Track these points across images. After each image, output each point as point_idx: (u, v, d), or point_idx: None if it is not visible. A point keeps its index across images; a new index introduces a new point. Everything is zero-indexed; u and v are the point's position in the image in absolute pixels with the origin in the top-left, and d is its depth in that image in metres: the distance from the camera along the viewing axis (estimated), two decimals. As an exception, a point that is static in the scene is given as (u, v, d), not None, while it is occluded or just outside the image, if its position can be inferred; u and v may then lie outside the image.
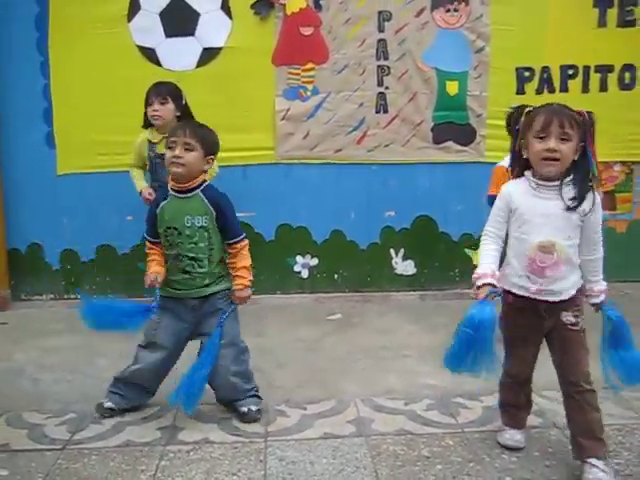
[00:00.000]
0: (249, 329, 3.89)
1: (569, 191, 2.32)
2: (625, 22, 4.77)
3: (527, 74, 4.83)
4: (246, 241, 2.83)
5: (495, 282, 2.35)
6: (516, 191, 2.40)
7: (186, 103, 3.98)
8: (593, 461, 2.34)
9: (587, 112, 2.33)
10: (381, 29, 4.73)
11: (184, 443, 2.67)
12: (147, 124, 4.00)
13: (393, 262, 4.99)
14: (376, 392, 3.16)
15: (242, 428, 2.79)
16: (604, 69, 4.82)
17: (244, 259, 2.81)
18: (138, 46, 4.62)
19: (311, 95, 4.76)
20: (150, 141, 3.98)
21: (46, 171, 4.72)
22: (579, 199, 2.31)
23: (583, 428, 2.40)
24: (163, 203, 2.77)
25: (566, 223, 2.34)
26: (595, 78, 4.84)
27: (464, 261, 4.99)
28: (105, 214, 4.76)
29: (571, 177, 2.33)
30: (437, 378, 3.31)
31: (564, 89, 4.83)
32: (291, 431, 2.77)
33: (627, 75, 4.82)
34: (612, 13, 4.77)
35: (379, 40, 4.74)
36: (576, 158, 2.32)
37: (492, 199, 3.72)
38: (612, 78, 4.84)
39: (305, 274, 4.94)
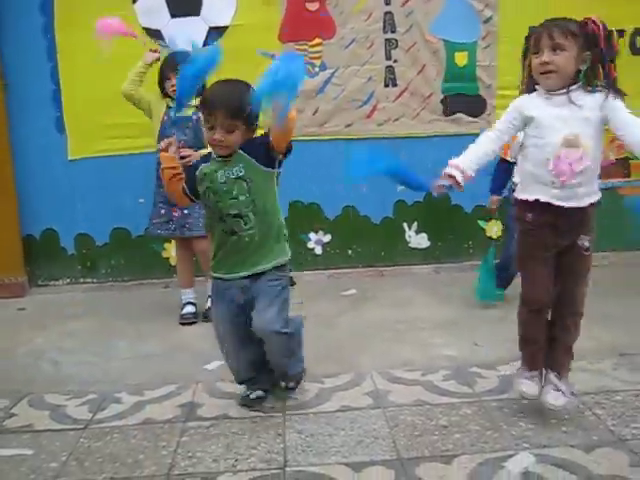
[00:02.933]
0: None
1: (577, 95, 2.33)
2: (635, -14, 4.71)
3: (537, 42, 4.77)
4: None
5: (459, 177, 2.44)
6: (530, 101, 2.40)
7: None
8: (554, 378, 2.54)
9: (594, 20, 2.33)
10: (387, 2, 4.69)
11: (203, 419, 2.70)
12: (165, 95, 3.90)
13: (406, 236, 4.99)
14: (393, 364, 3.18)
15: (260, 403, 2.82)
16: (616, 34, 4.76)
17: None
18: (144, 28, 4.61)
19: (319, 71, 4.74)
20: (169, 106, 3.86)
21: (57, 156, 4.74)
22: (589, 99, 2.33)
23: (564, 347, 2.55)
24: (203, 166, 2.61)
25: (585, 122, 2.33)
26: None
27: (477, 233, 4.96)
28: (118, 197, 4.78)
29: (578, 84, 2.34)
30: (453, 349, 3.33)
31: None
32: (309, 405, 2.79)
33: (638, 39, 4.76)
34: (622, -23, 4.71)
35: (386, 13, 4.70)
36: (583, 67, 2.33)
37: (504, 166, 3.69)
38: (623, 43, 4.78)
39: (319, 251, 4.95)
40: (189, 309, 3.99)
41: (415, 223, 4.95)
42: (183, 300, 4.02)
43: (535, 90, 2.42)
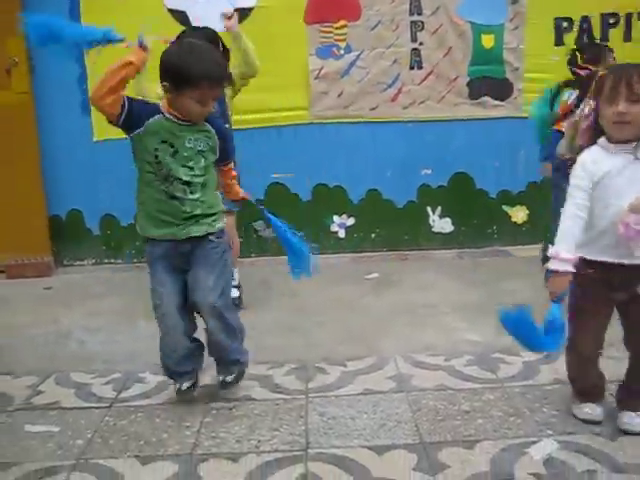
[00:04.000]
0: (288, 289, 3.96)
1: None
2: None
3: (565, 25, 4.71)
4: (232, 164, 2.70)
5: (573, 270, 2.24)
6: (595, 159, 2.27)
7: (225, 48, 3.56)
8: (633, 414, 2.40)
9: None
10: (414, -17, 4.64)
11: (227, 400, 2.71)
12: None
13: (430, 220, 4.96)
14: (416, 349, 3.17)
15: (283, 385, 2.83)
16: (647, 16, 4.68)
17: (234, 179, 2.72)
18: (169, 9, 4.61)
19: (344, 53, 4.71)
20: None
21: (83, 137, 4.76)
22: None
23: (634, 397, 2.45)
24: (155, 118, 2.41)
25: None
26: (638, 26, 4.69)
27: (501, 218, 4.95)
28: (142, 179, 4.79)
29: None
30: (476, 334, 3.31)
31: (605, 39, 4.70)
32: (331, 387, 2.80)
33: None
34: (656, -44, 4.61)
35: (412, -6, 4.66)
36: None
37: (558, 135, 3.59)
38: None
39: (342, 234, 4.95)
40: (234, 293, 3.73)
41: (439, 207, 4.93)
42: None
43: (594, 141, 2.30)
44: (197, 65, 2.33)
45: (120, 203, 4.86)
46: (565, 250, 2.23)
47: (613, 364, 2.57)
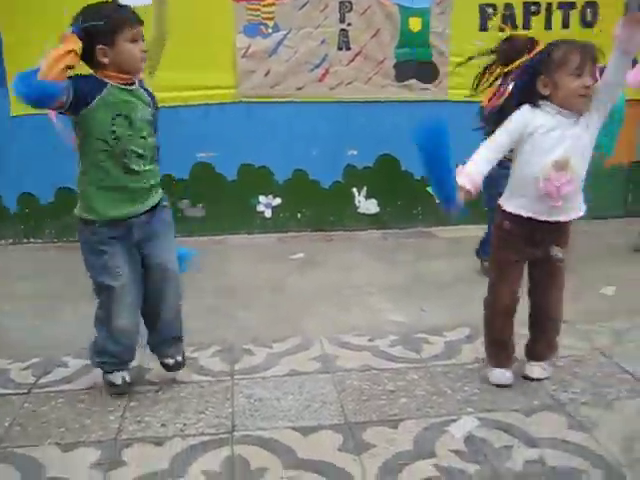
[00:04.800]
0: (213, 269, 3.93)
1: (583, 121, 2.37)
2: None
3: (490, 10, 4.79)
4: None
5: (470, 187, 2.38)
6: (534, 117, 2.38)
7: None
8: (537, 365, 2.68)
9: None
10: (343, -37, 4.63)
11: (152, 383, 2.68)
12: None
13: (356, 201, 5.01)
14: (341, 329, 3.20)
15: (208, 367, 2.82)
16: (566, 6, 4.82)
17: None
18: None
19: (272, 32, 4.66)
20: None
21: (-1, 112, 4.58)
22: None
23: (544, 345, 2.67)
24: (103, 92, 2.31)
25: (578, 142, 2.38)
26: (557, 15, 4.84)
27: (426, 200, 5.01)
28: (63, 156, 4.58)
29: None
30: (400, 315, 3.38)
31: (527, 26, 4.82)
32: (258, 369, 2.80)
33: (589, 12, 4.82)
34: (575, -52, 4.74)
35: (341, -26, 4.65)
36: None
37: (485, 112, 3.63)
38: (574, 15, 4.84)
39: (268, 214, 4.94)
40: None
41: (364, 188, 4.97)
42: None
43: (534, 104, 2.40)
44: (116, 9, 2.35)
45: (39, 181, 4.72)
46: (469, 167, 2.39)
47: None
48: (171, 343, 2.66)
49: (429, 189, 4.85)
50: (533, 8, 4.83)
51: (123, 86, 2.36)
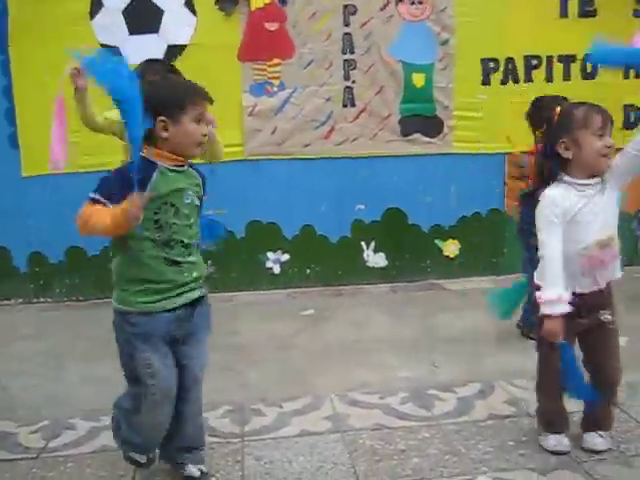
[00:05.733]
0: (223, 327, 3.90)
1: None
2: (585, 12, 4.83)
3: (492, 65, 4.87)
4: None
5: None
6: (563, 196, 2.35)
7: None
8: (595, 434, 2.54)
9: None
10: (346, 23, 4.73)
11: (160, 446, 2.65)
12: None
13: (364, 255, 5.01)
14: (351, 387, 3.17)
15: (218, 428, 2.79)
16: (567, 59, 4.88)
17: None
18: (102, 44, 4.56)
19: (278, 90, 4.74)
20: None
21: (11, 173, 4.64)
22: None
23: (604, 413, 2.55)
24: (153, 178, 2.12)
25: (612, 208, 2.39)
26: (558, 68, 4.90)
27: (434, 252, 5.03)
28: (73, 215, 4.65)
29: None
30: (410, 370, 3.35)
31: (529, 79, 4.88)
32: (268, 430, 2.77)
33: (589, 64, 4.89)
34: (573, 3, 4.83)
35: (345, 34, 4.74)
36: None
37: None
38: (575, 67, 4.90)
39: (277, 270, 4.94)
40: None
41: (373, 242, 4.98)
42: None
43: (555, 178, 2.39)
44: (187, 85, 2.27)
45: (49, 240, 4.75)
46: (564, 291, 2.30)
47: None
48: (189, 450, 2.39)
49: (436, 241, 4.93)
50: (534, 62, 4.90)
51: (173, 167, 2.17)
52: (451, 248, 5.05)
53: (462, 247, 5.04)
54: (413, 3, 4.75)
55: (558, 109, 2.42)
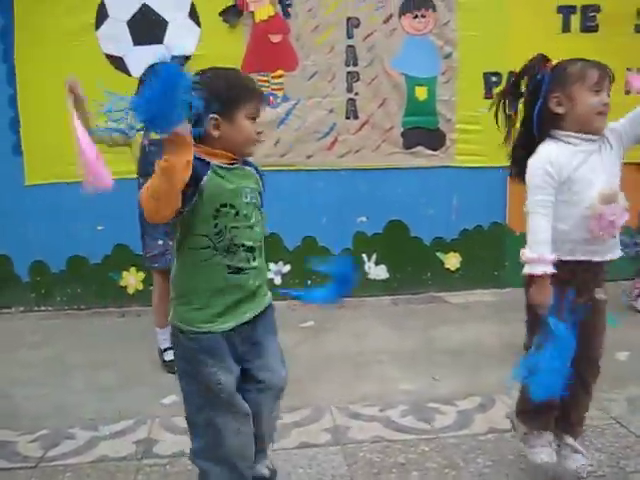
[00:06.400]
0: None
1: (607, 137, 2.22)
2: (588, 27, 4.85)
3: (494, 79, 4.88)
4: None
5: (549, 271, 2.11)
6: (561, 155, 2.17)
7: None
8: (571, 441, 2.39)
9: None
10: (350, 35, 4.75)
11: (160, 457, 2.65)
12: None
13: (366, 267, 5.01)
14: (351, 399, 3.17)
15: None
16: (569, 73, 4.89)
17: None
18: (106, 54, 4.59)
19: (281, 102, 4.76)
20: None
21: (14, 181, 4.66)
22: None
23: (582, 406, 2.40)
24: (207, 176, 1.92)
25: (615, 165, 2.22)
26: (560, 82, 4.91)
27: (436, 265, 5.03)
28: (75, 224, 4.71)
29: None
30: (411, 383, 3.34)
31: (531, 93, 4.89)
32: (267, 441, 2.76)
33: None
34: (575, 19, 4.85)
35: (348, 46, 4.77)
36: None
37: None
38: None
39: (278, 281, 4.94)
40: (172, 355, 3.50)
41: (374, 255, 4.98)
42: (164, 343, 3.59)
43: (548, 135, 2.21)
44: (243, 78, 2.09)
45: (51, 249, 4.77)
46: (547, 251, 2.12)
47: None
48: (263, 450, 2.24)
49: (438, 254, 4.93)
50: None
51: (228, 166, 1.99)
52: (453, 261, 5.05)
53: (464, 260, 5.04)
54: (416, 17, 4.78)
55: (552, 63, 2.26)
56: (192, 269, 1.98)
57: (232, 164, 2.00)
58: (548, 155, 2.18)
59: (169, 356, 3.48)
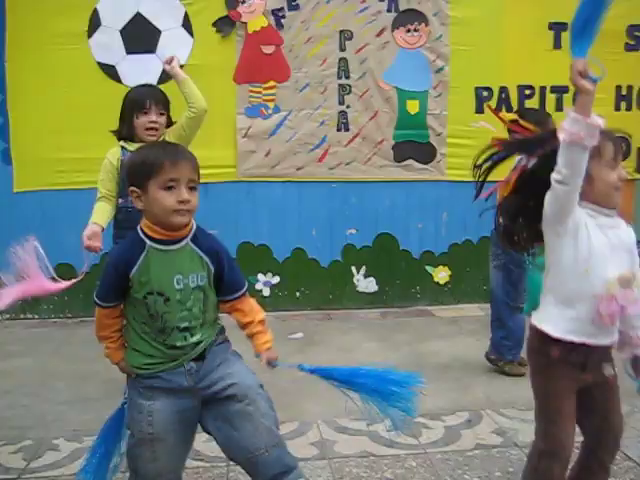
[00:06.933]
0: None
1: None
2: (579, 44, 4.88)
3: (486, 93, 4.91)
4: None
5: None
6: (584, 215, 1.98)
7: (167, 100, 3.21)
8: None
9: None
10: (342, 48, 4.77)
11: (144, 469, 2.62)
12: (125, 136, 3.06)
13: (355, 280, 5.00)
14: (338, 413, 3.13)
15: (203, 452, 2.75)
16: (560, 89, 4.92)
17: (259, 310, 2.16)
18: (98, 63, 4.59)
19: (272, 113, 4.77)
20: (125, 149, 3.05)
21: (2, 188, 4.64)
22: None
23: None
24: (140, 261, 1.93)
25: (633, 253, 2.04)
26: (551, 98, 4.95)
27: (425, 278, 5.03)
28: (64, 232, 4.66)
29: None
30: (399, 398, 3.32)
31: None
32: (253, 455, 2.73)
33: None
34: (566, 36, 4.83)
35: (340, 59, 4.79)
36: None
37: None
38: (568, 98, 4.93)
39: (267, 292, 4.92)
40: None
41: (364, 267, 4.98)
42: None
43: None
44: (151, 149, 2.04)
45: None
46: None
47: (529, 427, 2.61)
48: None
49: (427, 267, 4.92)
50: (527, 91, 4.95)
51: (164, 247, 1.94)
52: (441, 275, 5.05)
53: (453, 274, 5.05)
54: (409, 30, 4.80)
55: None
56: (134, 335, 2.00)
57: (172, 241, 1.94)
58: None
59: None
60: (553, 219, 1.96)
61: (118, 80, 4.58)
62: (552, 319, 2.01)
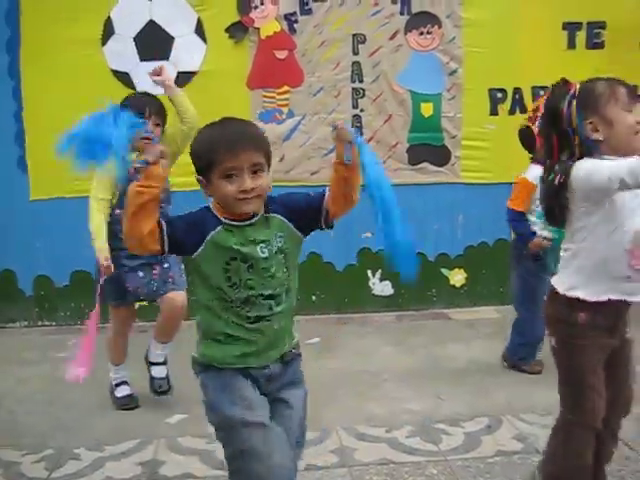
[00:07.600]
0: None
1: None
2: (594, 44, 4.86)
3: (500, 95, 4.89)
4: None
5: None
6: None
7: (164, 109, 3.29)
8: None
9: None
10: (355, 52, 4.76)
11: (166, 478, 2.63)
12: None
13: (370, 283, 5.00)
14: (357, 419, 3.15)
15: (219, 458, 2.75)
16: (574, 90, 4.89)
17: None
18: (112, 70, 4.60)
19: (286, 118, 4.77)
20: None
21: (19, 196, 4.66)
22: None
23: (609, 457, 2.22)
24: (218, 229, 1.85)
25: None
26: (566, 99, 4.91)
27: (441, 281, 5.02)
28: (79, 239, 4.66)
29: None
30: (417, 403, 3.32)
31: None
32: (273, 463, 2.74)
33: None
34: (581, 35, 4.87)
35: (354, 63, 4.78)
36: None
37: (516, 215, 3.61)
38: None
39: (282, 296, 4.92)
40: (126, 391, 3.37)
41: (379, 271, 4.97)
42: (117, 379, 3.40)
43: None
44: (210, 132, 1.91)
45: (55, 263, 4.76)
46: None
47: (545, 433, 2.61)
48: None
49: (443, 270, 4.91)
50: (542, 92, 4.91)
51: (237, 223, 1.86)
52: (457, 277, 5.04)
53: (468, 276, 5.03)
54: (422, 33, 4.78)
55: (576, 86, 2.05)
56: (212, 317, 1.90)
57: (243, 220, 1.87)
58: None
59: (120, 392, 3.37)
60: (595, 195, 1.94)
61: (132, 87, 4.58)
62: (583, 284, 2.00)
